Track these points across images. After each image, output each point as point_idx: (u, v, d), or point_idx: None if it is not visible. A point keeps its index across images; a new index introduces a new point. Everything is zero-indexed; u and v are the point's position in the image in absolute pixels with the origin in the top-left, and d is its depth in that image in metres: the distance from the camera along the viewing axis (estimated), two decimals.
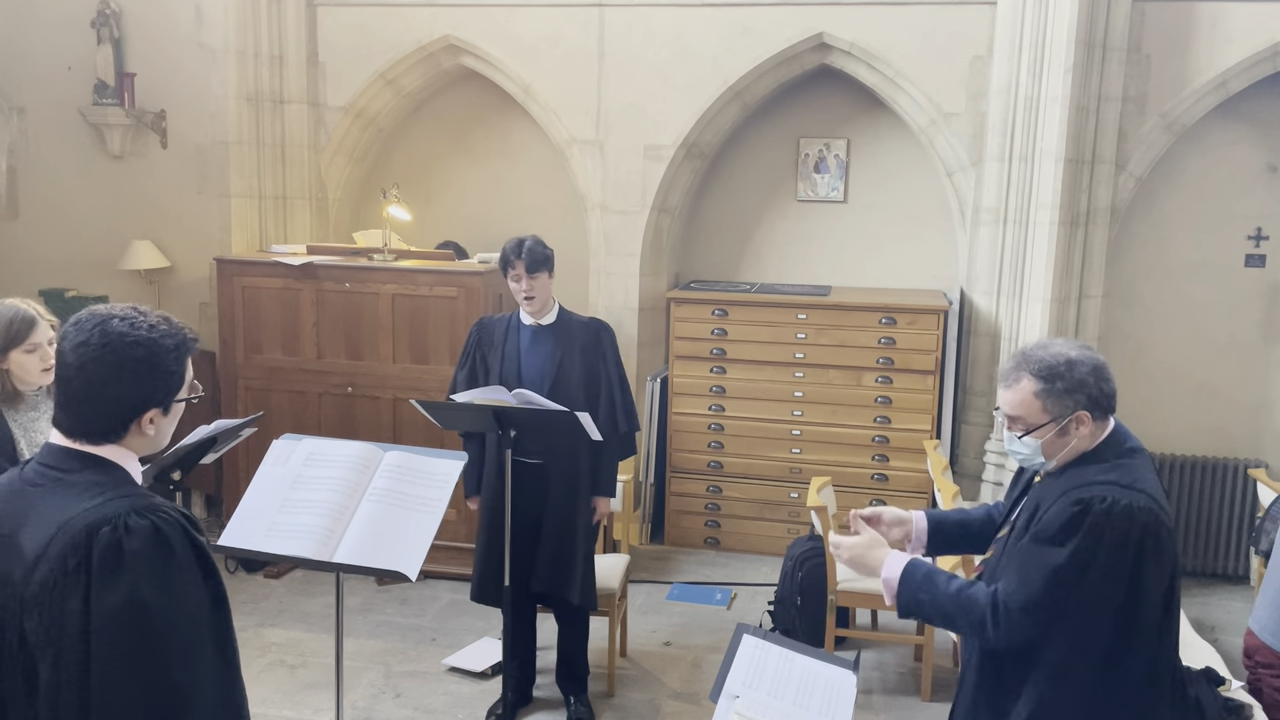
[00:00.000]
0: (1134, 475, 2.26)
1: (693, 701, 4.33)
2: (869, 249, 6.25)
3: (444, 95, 6.56)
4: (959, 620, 2.30)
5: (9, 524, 1.69)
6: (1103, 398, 2.30)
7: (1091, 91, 5.32)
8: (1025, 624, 2.22)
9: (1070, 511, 2.20)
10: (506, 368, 3.96)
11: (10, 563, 1.66)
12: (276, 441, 3.10)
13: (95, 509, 1.64)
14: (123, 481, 1.72)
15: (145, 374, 1.73)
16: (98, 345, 1.70)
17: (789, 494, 5.87)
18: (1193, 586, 5.68)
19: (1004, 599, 2.23)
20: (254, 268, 5.51)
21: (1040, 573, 2.20)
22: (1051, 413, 2.28)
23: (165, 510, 1.67)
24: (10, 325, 2.88)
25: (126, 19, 6.09)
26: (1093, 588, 2.18)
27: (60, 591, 1.60)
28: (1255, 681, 3.07)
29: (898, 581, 2.34)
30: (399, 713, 4.19)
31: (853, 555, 2.41)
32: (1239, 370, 5.87)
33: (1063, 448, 2.32)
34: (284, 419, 5.34)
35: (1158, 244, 5.84)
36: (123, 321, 1.72)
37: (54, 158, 6.27)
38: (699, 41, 5.78)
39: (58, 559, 1.61)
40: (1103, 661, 2.25)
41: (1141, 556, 2.20)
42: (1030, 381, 2.30)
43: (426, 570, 3.50)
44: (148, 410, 1.75)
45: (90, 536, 1.61)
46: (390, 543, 2.86)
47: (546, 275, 3.92)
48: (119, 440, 1.75)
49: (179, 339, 1.77)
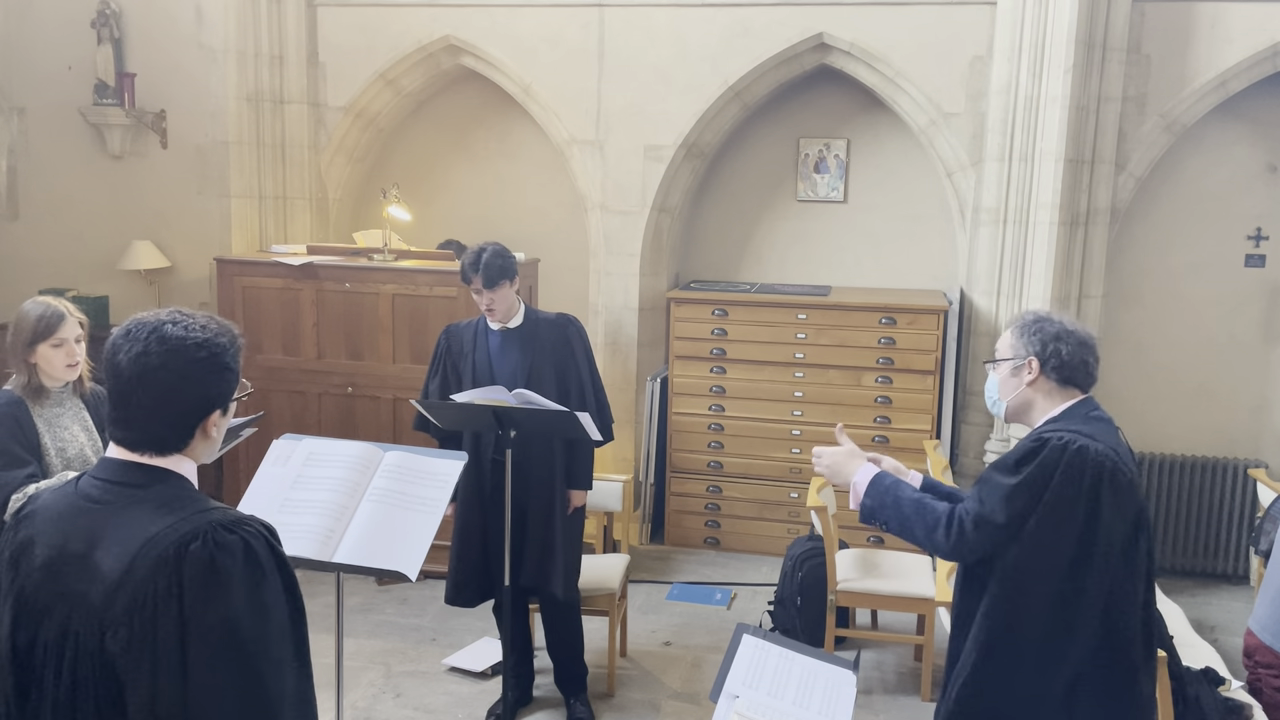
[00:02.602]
0: (1094, 430, 2.40)
1: (693, 701, 4.33)
2: (869, 249, 6.25)
3: (444, 95, 6.57)
4: (914, 525, 2.44)
5: (78, 543, 1.64)
6: (1055, 357, 2.47)
7: (1091, 91, 5.32)
8: (975, 539, 2.36)
9: (1028, 446, 2.37)
10: (479, 374, 3.94)
11: (86, 583, 1.61)
12: (277, 441, 3.10)
13: (178, 525, 1.61)
14: (195, 494, 1.70)
15: (210, 375, 1.70)
16: (159, 353, 1.66)
17: (789, 494, 5.88)
18: (1193, 586, 5.69)
19: (959, 514, 2.39)
20: (254, 268, 5.52)
21: (994, 494, 2.36)
22: (1014, 350, 2.52)
23: (250, 523, 1.66)
24: (40, 320, 2.97)
25: (126, 19, 6.09)
26: (1044, 515, 2.32)
27: (153, 609, 1.57)
28: (1255, 681, 3.08)
29: (866, 485, 2.55)
30: (399, 713, 4.19)
31: (832, 461, 2.62)
32: (1239, 370, 5.87)
33: (1012, 390, 2.52)
34: (284, 419, 5.34)
35: (1158, 244, 5.84)
36: (176, 326, 1.69)
37: (54, 158, 6.27)
38: (699, 41, 5.78)
39: (147, 577, 1.58)
40: (1055, 604, 2.33)
41: (1097, 498, 2.32)
42: (1017, 323, 2.57)
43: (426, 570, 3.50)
44: (212, 412, 1.72)
45: (180, 553, 1.58)
46: (390, 543, 2.87)
47: (507, 285, 3.87)
48: (185, 448, 1.72)
49: (231, 335, 1.76)
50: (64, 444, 3.03)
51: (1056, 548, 2.32)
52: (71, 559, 1.64)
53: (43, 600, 1.65)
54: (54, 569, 1.65)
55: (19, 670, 1.68)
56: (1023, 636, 2.36)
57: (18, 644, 1.67)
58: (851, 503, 2.61)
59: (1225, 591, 5.65)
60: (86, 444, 3.09)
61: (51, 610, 1.64)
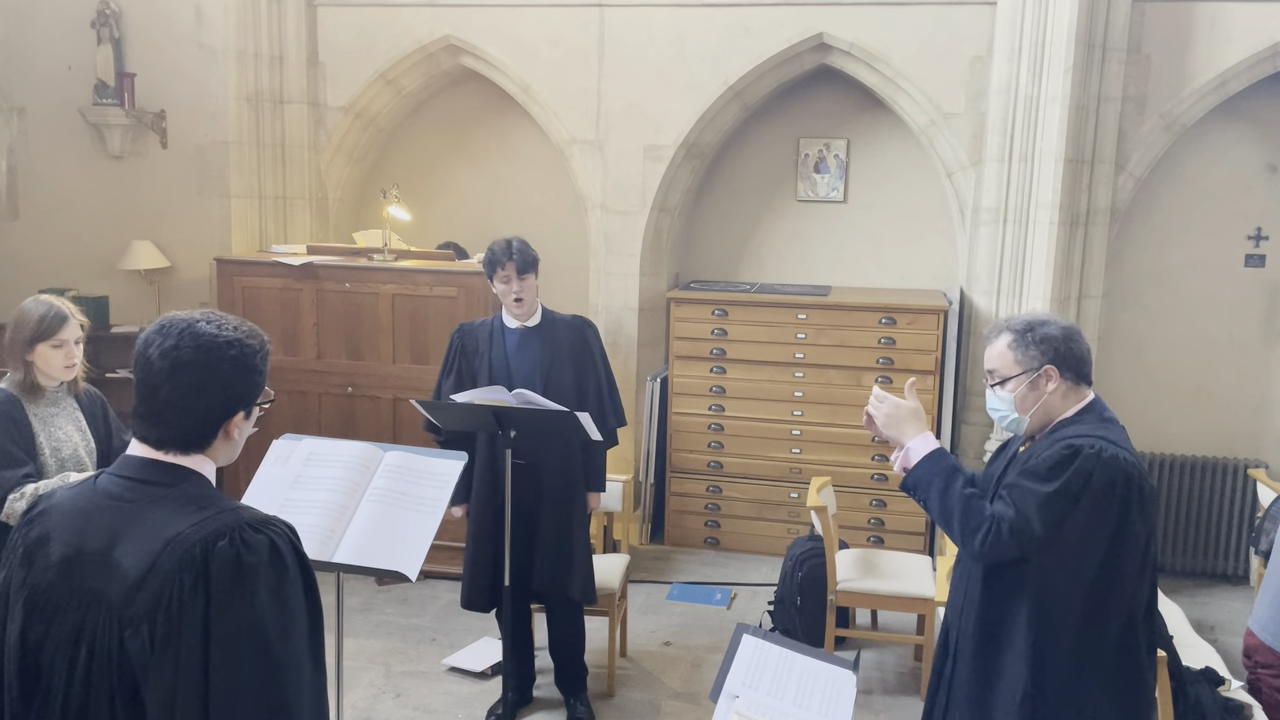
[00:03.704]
0: (1117, 436, 2.40)
1: (693, 701, 4.33)
2: (869, 249, 6.25)
3: (444, 95, 6.57)
4: (955, 519, 2.39)
5: (98, 541, 1.64)
6: (1070, 357, 2.45)
7: (1091, 91, 5.32)
8: (1011, 547, 2.33)
9: (1061, 453, 2.35)
10: (495, 372, 3.94)
11: (105, 581, 1.61)
12: (277, 441, 3.10)
13: (204, 523, 1.61)
14: (218, 494, 1.71)
15: (238, 375, 1.72)
16: (191, 348, 1.68)
17: (789, 494, 5.88)
18: (1193, 586, 5.69)
19: (997, 519, 2.35)
20: (254, 268, 5.52)
21: (1028, 502, 2.33)
22: (1022, 364, 2.46)
23: (276, 524, 1.66)
24: (43, 320, 2.99)
25: (126, 19, 6.09)
26: (1079, 524, 2.31)
27: (179, 607, 1.57)
28: (1255, 681, 3.08)
29: (924, 455, 2.46)
30: (399, 713, 4.19)
31: (894, 410, 2.53)
32: (1239, 370, 5.87)
33: (1034, 403, 2.46)
34: (284, 419, 5.34)
35: (1158, 244, 5.84)
36: (209, 324, 1.72)
37: (54, 158, 6.27)
38: (699, 41, 5.78)
39: (171, 575, 1.58)
40: (1083, 613, 2.34)
41: (1127, 506, 2.32)
42: (1006, 335, 2.50)
43: (426, 570, 3.51)
44: (236, 413, 1.74)
45: (206, 552, 1.58)
46: (390, 543, 2.87)
47: (534, 277, 3.92)
48: (207, 448, 1.73)
49: (261, 340, 1.79)
50: (59, 443, 3.04)
51: (1088, 553, 2.33)
52: (90, 557, 1.64)
53: (56, 598, 1.65)
54: (71, 566, 1.65)
55: (25, 669, 1.66)
56: (1064, 643, 2.36)
57: (27, 642, 1.66)
58: (896, 464, 2.53)
59: (1225, 591, 5.65)
60: (80, 444, 3.10)
61: (65, 608, 1.64)
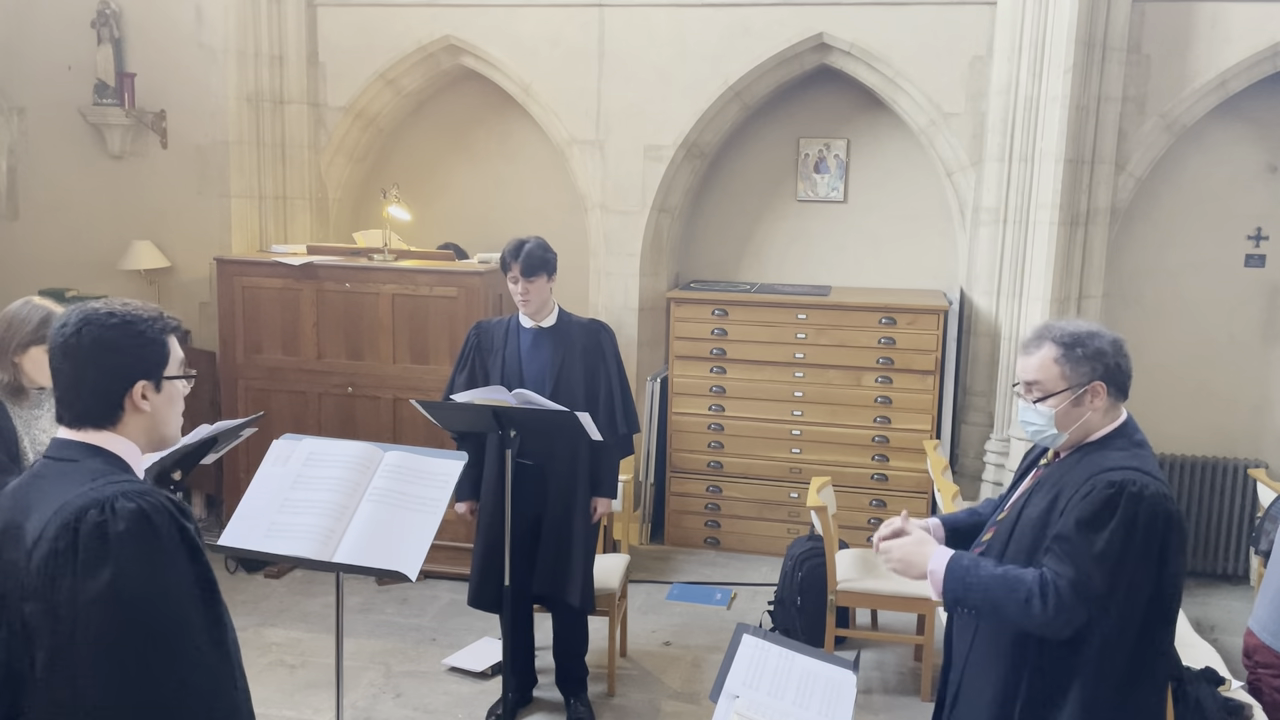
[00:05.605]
0: (1152, 466, 2.29)
1: (693, 701, 4.33)
2: (869, 249, 6.25)
3: (444, 95, 6.56)
4: (1005, 602, 2.25)
5: (18, 515, 1.73)
6: (1119, 373, 2.33)
7: (1091, 91, 5.32)
8: (1075, 602, 2.20)
9: (1106, 494, 2.22)
10: (508, 371, 3.95)
11: (16, 550, 1.70)
12: (277, 441, 3.10)
13: (87, 493, 1.67)
14: (121, 469, 1.76)
15: (125, 342, 1.77)
16: (76, 325, 1.76)
17: (789, 494, 5.88)
18: (1193, 586, 5.68)
19: (1053, 578, 2.22)
20: (254, 268, 5.52)
21: (1084, 553, 2.20)
22: (1069, 380, 2.31)
23: (153, 495, 1.70)
24: (40, 325, 2.97)
25: (126, 19, 6.09)
26: (1132, 568, 2.21)
27: (51, 574, 1.63)
28: (1255, 681, 3.08)
29: (944, 570, 2.31)
30: (399, 713, 4.19)
31: (904, 554, 2.38)
32: (1239, 370, 5.87)
33: (1076, 420, 2.33)
34: (284, 419, 5.34)
35: (1158, 244, 5.84)
36: (102, 306, 1.80)
37: (54, 158, 6.27)
38: (699, 41, 5.78)
39: (51, 541, 1.64)
40: (1132, 651, 2.26)
41: (1167, 544, 2.23)
42: (1051, 347, 2.33)
43: (426, 570, 3.50)
44: (135, 383, 1.78)
45: (79, 519, 1.64)
46: (390, 543, 2.86)
47: (545, 279, 3.89)
48: (116, 423, 1.79)
49: (156, 313, 1.84)
50: (42, 446, 3.03)
51: (1139, 592, 2.24)
52: (11, 531, 1.72)
53: None
54: (1, 542, 1.73)
55: None
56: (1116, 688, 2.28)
57: None
58: (933, 593, 2.35)
59: (1225, 591, 5.65)
60: None
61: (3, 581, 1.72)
